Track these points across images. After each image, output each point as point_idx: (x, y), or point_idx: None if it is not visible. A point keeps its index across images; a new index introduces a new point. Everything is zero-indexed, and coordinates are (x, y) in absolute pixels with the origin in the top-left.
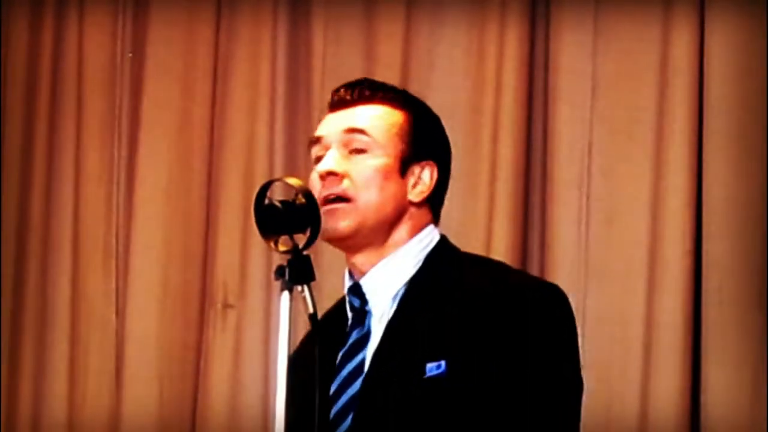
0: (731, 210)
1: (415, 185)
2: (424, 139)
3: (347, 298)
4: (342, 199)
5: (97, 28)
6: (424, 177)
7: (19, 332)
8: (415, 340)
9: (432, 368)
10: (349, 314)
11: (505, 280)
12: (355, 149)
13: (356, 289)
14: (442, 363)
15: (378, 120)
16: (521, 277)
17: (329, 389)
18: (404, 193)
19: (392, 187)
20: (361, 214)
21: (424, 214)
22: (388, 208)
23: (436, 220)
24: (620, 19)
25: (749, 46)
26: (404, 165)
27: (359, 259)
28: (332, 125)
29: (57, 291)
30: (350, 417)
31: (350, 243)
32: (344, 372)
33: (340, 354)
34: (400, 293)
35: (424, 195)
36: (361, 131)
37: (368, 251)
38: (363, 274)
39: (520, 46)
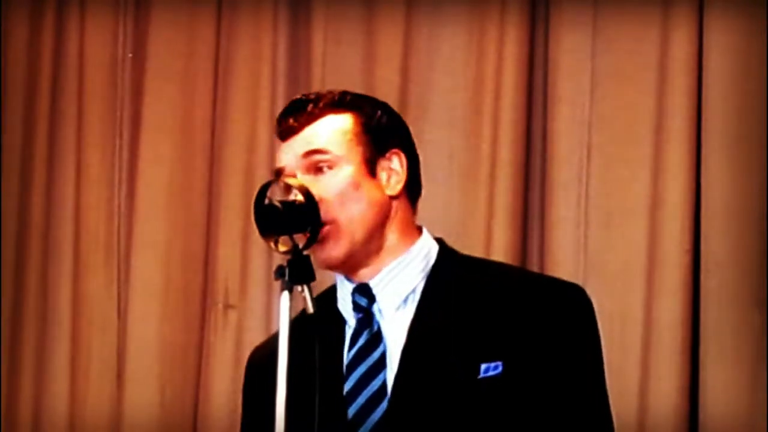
0: (730, 210)
1: (389, 178)
2: (381, 132)
3: (351, 298)
4: (327, 222)
5: (97, 29)
6: (395, 167)
7: (20, 332)
8: (463, 340)
9: (488, 368)
10: (351, 315)
11: (537, 280)
12: (319, 169)
13: (363, 290)
14: (499, 364)
15: (330, 133)
16: (546, 277)
17: (339, 389)
18: (381, 192)
19: (366, 192)
20: (348, 233)
21: (405, 206)
22: (371, 215)
23: (415, 211)
24: (619, 20)
25: (748, 46)
26: (370, 165)
27: (362, 273)
28: (290, 153)
29: (58, 291)
30: (378, 414)
31: (349, 265)
32: (361, 369)
33: (351, 353)
34: (416, 295)
35: (402, 183)
36: (319, 151)
37: (369, 264)
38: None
39: (520, 47)
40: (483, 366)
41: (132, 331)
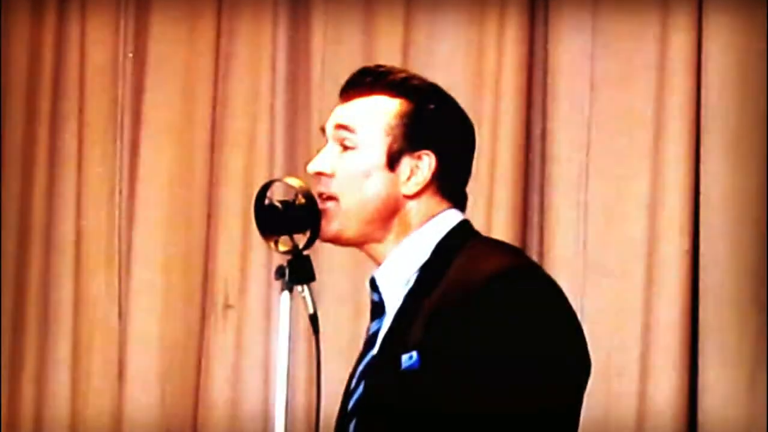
0: (729, 209)
1: (409, 177)
2: (421, 127)
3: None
4: (331, 198)
5: (98, 28)
6: (422, 167)
7: (22, 333)
8: (399, 332)
9: (406, 360)
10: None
11: (477, 266)
12: (344, 146)
13: (373, 283)
14: (414, 354)
15: (367, 115)
16: (495, 261)
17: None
18: (394, 188)
19: (376, 184)
20: (344, 214)
21: (435, 202)
22: (372, 206)
23: (458, 205)
24: (618, 20)
25: (747, 46)
26: (393, 158)
27: (369, 253)
28: (331, 118)
29: (59, 291)
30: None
31: (343, 243)
32: (361, 367)
33: (363, 348)
34: (410, 284)
35: (420, 186)
36: (347, 128)
37: (371, 247)
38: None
39: (519, 47)
40: (403, 357)
41: (132, 331)
